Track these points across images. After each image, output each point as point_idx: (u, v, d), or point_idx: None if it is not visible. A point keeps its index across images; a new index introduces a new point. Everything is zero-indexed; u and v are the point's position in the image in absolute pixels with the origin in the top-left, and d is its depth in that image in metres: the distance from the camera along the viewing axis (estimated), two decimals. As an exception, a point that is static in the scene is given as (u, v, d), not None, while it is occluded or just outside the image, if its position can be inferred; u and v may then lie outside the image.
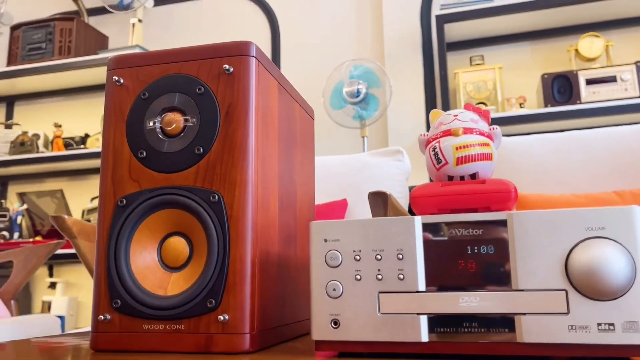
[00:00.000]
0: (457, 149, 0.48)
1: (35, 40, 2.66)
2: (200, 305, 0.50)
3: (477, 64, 2.50)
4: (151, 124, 0.55)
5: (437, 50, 2.42)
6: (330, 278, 0.47)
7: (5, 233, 2.69)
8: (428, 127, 2.45)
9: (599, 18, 2.37)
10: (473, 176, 0.49)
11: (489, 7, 2.30)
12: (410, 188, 1.57)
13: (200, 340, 0.50)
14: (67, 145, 2.69)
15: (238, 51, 0.54)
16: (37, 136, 2.74)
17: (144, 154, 0.54)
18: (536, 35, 2.48)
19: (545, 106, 2.21)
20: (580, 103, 2.17)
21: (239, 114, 0.53)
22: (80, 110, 2.91)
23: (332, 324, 0.47)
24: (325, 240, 0.48)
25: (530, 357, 0.45)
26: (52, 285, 2.77)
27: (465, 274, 0.45)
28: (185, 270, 0.53)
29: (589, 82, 2.20)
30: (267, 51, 2.82)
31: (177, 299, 0.51)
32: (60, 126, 2.72)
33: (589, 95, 2.19)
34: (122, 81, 0.56)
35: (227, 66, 0.53)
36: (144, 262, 0.53)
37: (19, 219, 2.75)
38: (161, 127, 0.54)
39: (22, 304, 2.72)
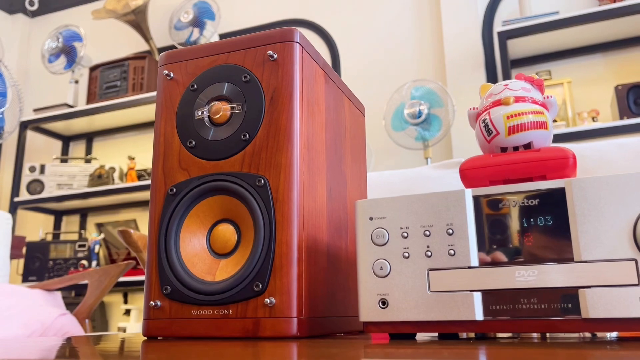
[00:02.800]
0: (508, 117, 0.45)
1: (111, 79, 2.84)
2: (247, 289, 0.50)
3: (545, 79, 2.41)
4: (200, 113, 0.56)
5: (501, 67, 2.36)
6: (377, 257, 0.46)
7: (84, 262, 2.83)
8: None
9: (676, 24, 2.23)
10: (527, 146, 0.46)
11: (554, 20, 2.23)
12: (475, 202, 1.51)
13: (248, 325, 0.49)
14: (139, 177, 2.82)
15: (282, 38, 0.54)
16: (112, 169, 2.90)
17: (193, 143, 0.55)
18: (607, 47, 2.37)
19: (621, 118, 2.09)
20: (660, 113, 2.03)
21: (283, 99, 0.53)
22: (151, 144, 3.06)
23: (380, 304, 0.45)
24: (371, 219, 0.47)
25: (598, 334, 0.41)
26: (127, 312, 2.86)
27: (521, 246, 0.42)
28: (234, 257, 0.53)
29: (669, 91, 2.07)
30: (328, 78, 2.86)
31: (224, 284, 0.51)
32: (133, 159, 2.87)
33: (670, 105, 2.05)
34: (172, 75, 0.58)
35: (271, 52, 0.54)
36: (193, 249, 0.54)
37: (97, 248, 2.89)
38: (209, 117, 0.55)
39: (99, 329, 2.83)
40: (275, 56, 0.54)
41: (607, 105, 2.29)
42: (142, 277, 2.59)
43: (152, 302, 0.53)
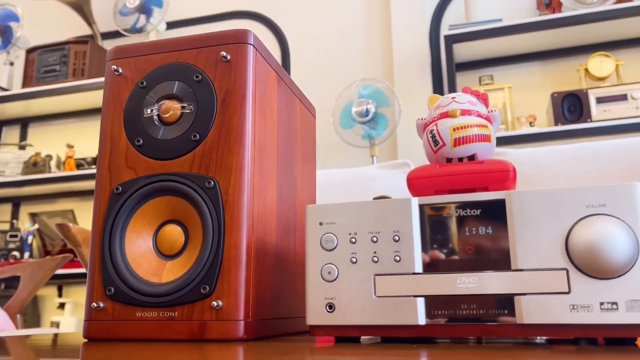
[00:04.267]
0: (454, 130, 0.47)
1: (49, 63, 2.72)
2: (194, 291, 0.49)
3: (487, 84, 2.50)
4: (149, 111, 0.55)
5: (446, 70, 2.43)
6: (326, 261, 0.46)
7: (16, 253, 2.70)
8: (438, 147, 2.44)
9: (609, 38, 2.37)
10: (471, 158, 0.48)
11: (498, 27, 2.31)
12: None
13: (194, 327, 0.49)
14: (78, 166, 2.72)
15: (236, 39, 0.54)
16: (49, 157, 2.78)
17: (141, 141, 0.54)
18: (546, 55, 2.48)
19: (556, 125, 2.20)
20: (591, 121, 2.15)
21: (236, 101, 0.53)
22: (92, 132, 2.95)
23: (327, 308, 0.45)
24: (321, 224, 0.47)
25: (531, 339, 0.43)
26: (61, 306, 2.76)
27: (463, 254, 0.43)
28: (181, 258, 0.52)
29: (600, 100, 2.19)
30: (277, 73, 2.85)
31: (170, 286, 0.50)
32: (72, 147, 2.76)
33: (600, 114, 2.17)
34: (120, 71, 0.56)
35: (224, 53, 0.53)
36: (139, 250, 0.53)
37: (30, 239, 2.77)
38: (158, 115, 0.54)
39: (31, 324, 2.71)
40: (228, 57, 0.53)
41: (543, 111, 2.40)
42: (78, 270, 2.50)
43: (94, 304, 0.52)
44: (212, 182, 0.51)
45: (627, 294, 0.39)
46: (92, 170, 2.61)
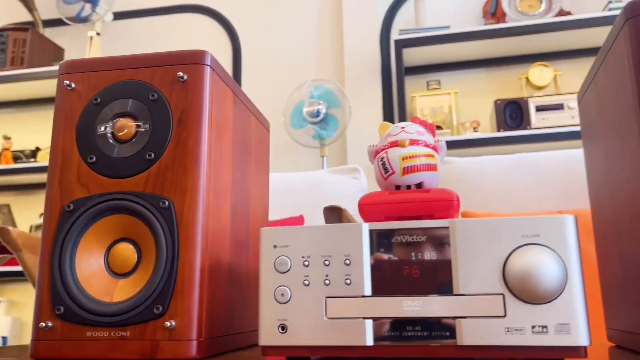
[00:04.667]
0: (403, 159, 0.49)
1: (-13, 50, 2.59)
2: (146, 311, 0.50)
3: (434, 89, 2.57)
4: (102, 129, 0.54)
5: (396, 74, 2.48)
6: (279, 283, 0.48)
7: (-54, 249, 2.56)
8: (386, 148, 2.49)
9: (548, 49, 2.49)
10: (419, 185, 0.50)
11: (446, 34, 2.38)
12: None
13: (146, 347, 0.49)
14: (16, 159, 2.61)
15: (193, 59, 0.54)
16: (-15, 148, 2.65)
17: (94, 158, 0.54)
18: (490, 63, 2.58)
19: (498, 131, 2.29)
20: (530, 128, 2.26)
21: (192, 121, 0.53)
22: (31, 123, 2.83)
23: (280, 329, 0.47)
24: (275, 246, 0.49)
25: (471, 361, 0.46)
26: (-4, 304, 2.64)
27: (409, 279, 0.46)
28: (133, 277, 0.52)
29: (539, 108, 2.30)
30: (228, 69, 2.83)
31: (122, 305, 0.50)
32: (9, 139, 2.64)
33: (539, 122, 2.28)
34: (73, 86, 0.55)
35: (181, 73, 0.54)
36: (90, 269, 0.53)
37: (-37, 234, 2.63)
38: (112, 133, 0.54)
39: (-38, 323, 2.59)
40: (185, 77, 0.54)
41: (487, 117, 2.50)
42: (15, 268, 2.40)
43: (42, 323, 0.51)
44: (167, 202, 0.52)
45: (556, 318, 0.43)
46: (31, 164, 2.51)
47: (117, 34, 2.90)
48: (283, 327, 0.47)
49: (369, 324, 0.46)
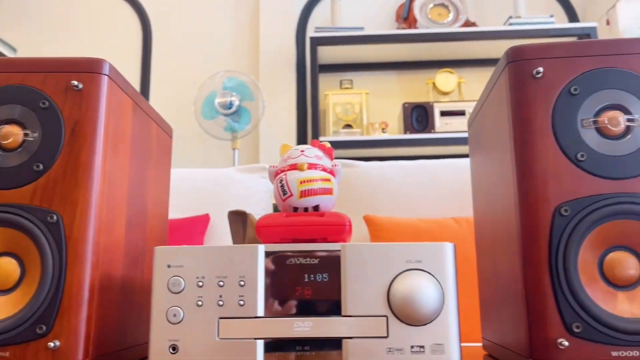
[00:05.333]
0: (301, 182, 0.51)
1: None
2: (28, 331, 0.48)
3: (346, 88, 2.63)
4: (-15, 135, 0.51)
5: (310, 71, 2.51)
6: (172, 304, 0.48)
7: None
8: (299, 143, 2.52)
9: (454, 56, 2.62)
10: (315, 208, 0.52)
11: (359, 35, 2.44)
12: (275, 207, 1.60)
13: (27, 368, 0.47)
14: None
15: (89, 68, 0.52)
16: None
17: (-25, 167, 0.50)
18: (401, 66, 2.68)
19: (405, 133, 2.39)
20: (435, 132, 2.37)
21: (86, 133, 0.51)
22: None
23: (171, 350, 0.47)
24: (169, 266, 0.49)
25: (356, 377, 0.49)
26: None
27: (301, 300, 0.48)
28: (14, 294, 0.50)
29: (443, 113, 2.42)
30: (137, 53, 2.72)
31: (2, 325, 0.48)
32: None
33: (442, 126, 2.40)
34: (-47, 87, 0.51)
35: (75, 82, 0.51)
36: (-33, 285, 0.49)
37: None
38: (-3, 140, 0.51)
39: None
40: (80, 86, 0.52)
41: (395, 118, 2.59)
42: None
43: None
44: (55, 217, 0.49)
45: (432, 338, 0.46)
46: None
47: (13, 4, 2.68)
48: (174, 348, 0.47)
49: (260, 344, 0.47)
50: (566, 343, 0.46)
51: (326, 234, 0.50)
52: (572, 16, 2.67)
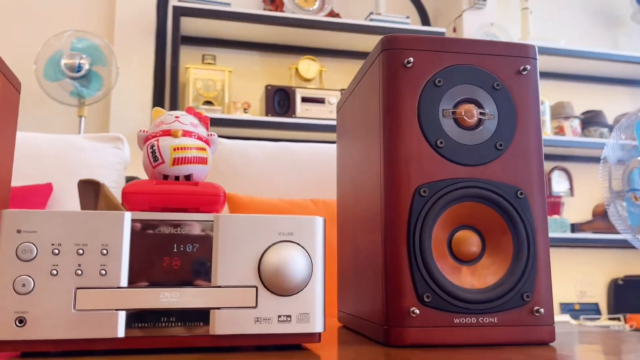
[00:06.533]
0: (175, 149, 0.49)
1: None
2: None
3: (209, 63, 2.56)
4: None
5: (171, 41, 2.40)
6: (20, 273, 0.43)
7: None
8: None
9: (317, 44, 2.69)
10: (187, 177, 0.50)
11: (224, 10, 2.38)
12: (128, 179, 1.51)
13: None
14: None
15: None
16: None
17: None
18: (265, 48, 2.67)
19: (267, 115, 2.40)
20: (295, 117, 2.42)
21: None
22: None
23: (17, 323, 0.43)
24: (19, 231, 0.44)
25: (223, 348, 0.49)
26: None
27: (169, 270, 0.46)
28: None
29: (304, 99, 2.48)
30: (-32, -3, 2.36)
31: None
32: None
33: (303, 112, 2.46)
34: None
35: None
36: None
37: None
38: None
39: None
40: None
41: (257, 100, 2.59)
42: None
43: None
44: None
45: (299, 308, 0.48)
46: None
47: None
48: (21, 320, 0.43)
49: (121, 315, 0.45)
50: (417, 311, 0.50)
51: (199, 204, 0.49)
52: (425, 20, 2.89)
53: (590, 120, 2.78)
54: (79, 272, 0.44)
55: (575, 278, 2.79)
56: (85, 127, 2.31)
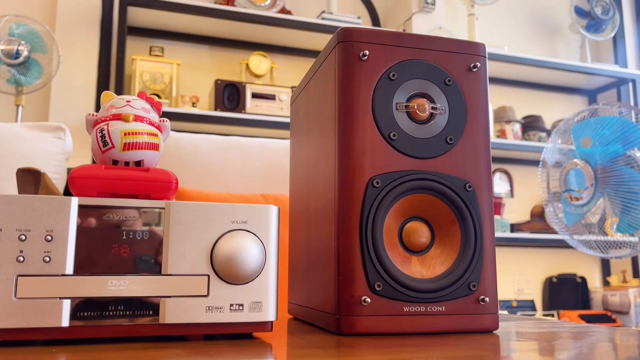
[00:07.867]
0: (125, 134, 0.47)
1: None
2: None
3: (157, 55, 2.50)
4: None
5: (117, 31, 2.32)
6: (-45, 259, 0.41)
7: None
8: (97, 108, 2.32)
9: (269, 41, 2.67)
10: (138, 163, 0.49)
11: (174, 2, 2.33)
12: (69, 170, 1.45)
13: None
14: None
15: None
16: None
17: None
18: (215, 42, 2.63)
19: (215, 110, 2.36)
20: (245, 113, 2.40)
21: None
22: None
23: (-49, 312, 0.40)
24: (-45, 215, 0.41)
25: (172, 337, 0.48)
26: None
27: (118, 258, 0.45)
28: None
29: (254, 95, 2.46)
30: None
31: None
32: None
33: (253, 108, 2.44)
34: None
35: None
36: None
37: None
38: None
39: None
40: None
41: (206, 94, 2.55)
42: None
43: None
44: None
45: (251, 297, 0.48)
46: None
47: None
48: (-44, 310, 0.40)
49: (66, 304, 0.43)
50: (369, 300, 0.51)
51: (150, 191, 0.48)
52: (375, 21, 2.93)
53: (530, 124, 2.90)
54: (21, 258, 0.42)
55: (514, 276, 2.91)
56: (22, 117, 2.21)
